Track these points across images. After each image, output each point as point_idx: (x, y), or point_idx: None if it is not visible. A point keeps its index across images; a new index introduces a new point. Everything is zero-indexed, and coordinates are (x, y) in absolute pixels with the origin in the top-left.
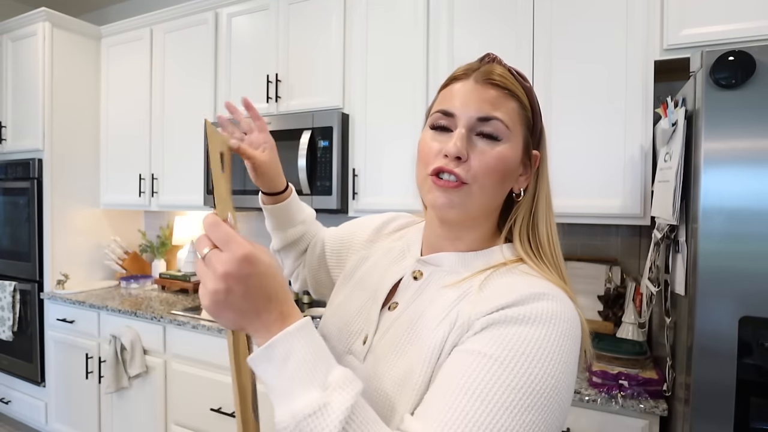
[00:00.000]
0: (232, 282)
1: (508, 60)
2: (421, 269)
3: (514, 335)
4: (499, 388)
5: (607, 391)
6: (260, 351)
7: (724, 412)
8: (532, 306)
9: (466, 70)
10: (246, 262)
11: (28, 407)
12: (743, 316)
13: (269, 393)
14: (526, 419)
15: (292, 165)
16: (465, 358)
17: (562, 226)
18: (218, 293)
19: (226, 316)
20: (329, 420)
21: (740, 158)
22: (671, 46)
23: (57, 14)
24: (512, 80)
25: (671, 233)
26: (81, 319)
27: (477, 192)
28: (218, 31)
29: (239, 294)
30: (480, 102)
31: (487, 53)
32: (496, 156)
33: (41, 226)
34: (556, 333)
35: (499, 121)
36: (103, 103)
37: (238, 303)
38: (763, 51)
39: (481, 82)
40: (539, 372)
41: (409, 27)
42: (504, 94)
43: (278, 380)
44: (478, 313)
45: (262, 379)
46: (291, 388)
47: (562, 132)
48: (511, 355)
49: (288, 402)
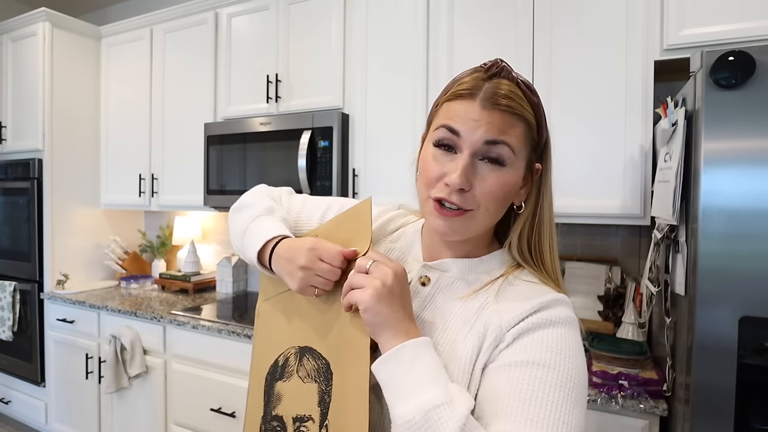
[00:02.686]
0: (397, 282)
1: (507, 57)
2: (428, 275)
3: (546, 338)
4: (551, 389)
5: (607, 391)
6: (392, 351)
7: (724, 412)
8: (551, 311)
9: (472, 86)
10: (404, 275)
11: (28, 407)
12: (743, 316)
13: (391, 395)
14: (576, 412)
15: (292, 165)
16: (512, 372)
17: (562, 226)
18: (384, 287)
19: (379, 309)
20: (455, 413)
21: (740, 158)
22: (671, 46)
23: (57, 14)
24: (519, 99)
25: (671, 233)
26: (81, 319)
27: (480, 217)
28: (218, 31)
29: (398, 294)
30: (488, 125)
31: (494, 61)
32: (500, 184)
33: (41, 226)
34: (574, 332)
35: (507, 146)
36: (103, 103)
37: (394, 302)
38: (763, 51)
39: (489, 108)
40: (573, 367)
41: (409, 27)
42: (512, 119)
43: (405, 379)
44: (507, 325)
45: (385, 381)
46: (417, 385)
47: (562, 132)
48: (549, 357)
49: (415, 397)
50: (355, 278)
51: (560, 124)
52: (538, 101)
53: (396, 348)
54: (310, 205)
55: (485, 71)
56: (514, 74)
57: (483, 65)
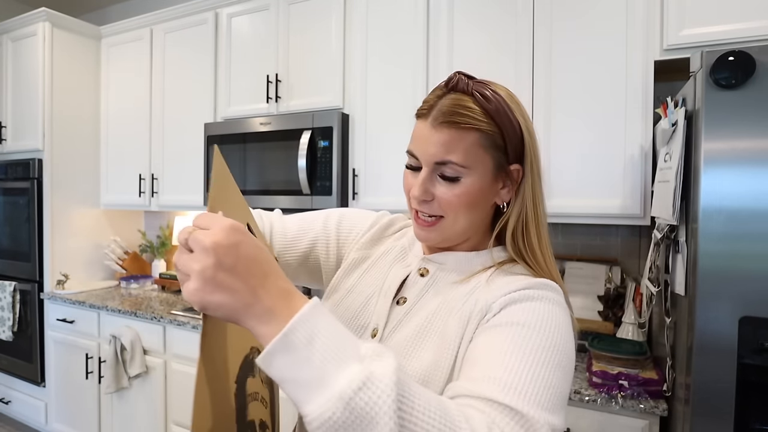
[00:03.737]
0: (221, 252)
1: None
2: (426, 266)
3: (533, 307)
4: (535, 347)
5: (607, 391)
6: (277, 340)
7: (724, 412)
8: (542, 291)
9: (430, 105)
10: (235, 230)
11: (28, 407)
12: (743, 316)
13: (293, 391)
14: (558, 375)
15: (292, 165)
16: (498, 330)
17: (562, 226)
18: (206, 270)
19: (216, 300)
20: (382, 387)
21: (740, 158)
22: (671, 46)
23: (57, 14)
24: (466, 111)
25: (671, 233)
26: (81, 319)
27: (451, 222)
28: (218, 31)
29: (230, 267)
30: (435, 146)
31: (452, 75)
32: (457, 194)
33: (41, 226)
34: (561, 311)
35: (453, 165)
36: (103, 103)
37: (230, 280)
38: (763, 51)
39: (436, 126)
40: (559, 336)
41: (409, 27)
42: (460, 132)
43: (307, 368)
44: (495, 297)
45: (281, 378)
46: (325, 371)
47: (563, 132)
48: (535, 321)
49: (327, 387)
50: (180, 261)
51: (560, 125)
52: (499, 107)
53: (283, 333)
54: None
55: (445, 85)
56: (471, 85)
57: (446, 80)
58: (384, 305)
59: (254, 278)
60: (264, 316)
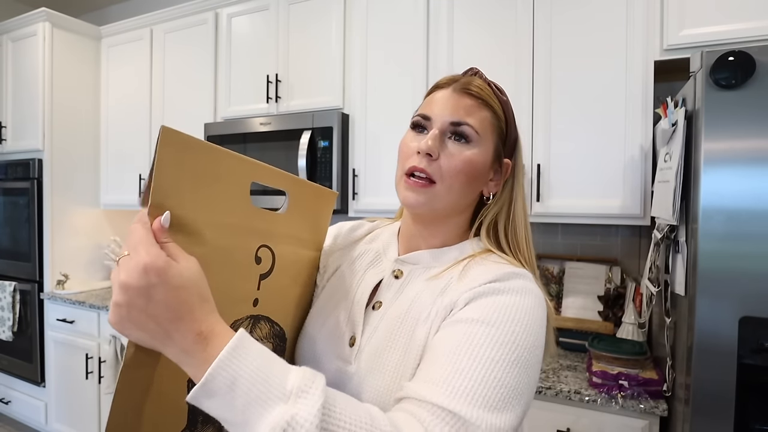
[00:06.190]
0: (132, 294)
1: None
2: (400, 268)
3: (496, 302)
4: (489, 345)
5: (607, 391)
6: (197, 389)
7: (724, 412)
8: (509, 282)
9: (449, 80)
10: (147, 273)
11: (28, 407)
12: (743, 316)
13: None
14: (514, 372)
15: (292, 165)
16: (455, 327)
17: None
18: (120, 307)
19: (134, 335)
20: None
21: (740, 158)
22: (671, 46)
23: (57, 14)
24: (489, 92)
25: (671, 233)
26: (81, 319)
27: (444, 192)
28: (218, 31)
29: (140, 309)
30: (455, 108)
31: (470, 68)
32: (463, 159)
33: (41, 226)
34: (530, 301)
35: (470, 127)
36: (103, 103)
37: (143, 321)
38: (763, 51)
39: (458, 92)
40: (520, 331)
41: (409, 27)
42: (478, 104)
43: (231, 412)
44: (461, 292)
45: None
46: (249, 415)
47: (562, 132)
48: (495, 317)
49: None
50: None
51: (560, 125)
52: (507, 101)
53: (201, 383)
54: None
55: (462, 74)
56: (486, 78)
57: (464, 71)
58: (359, 312)
59: (166, 322)
60: (182, 356)
